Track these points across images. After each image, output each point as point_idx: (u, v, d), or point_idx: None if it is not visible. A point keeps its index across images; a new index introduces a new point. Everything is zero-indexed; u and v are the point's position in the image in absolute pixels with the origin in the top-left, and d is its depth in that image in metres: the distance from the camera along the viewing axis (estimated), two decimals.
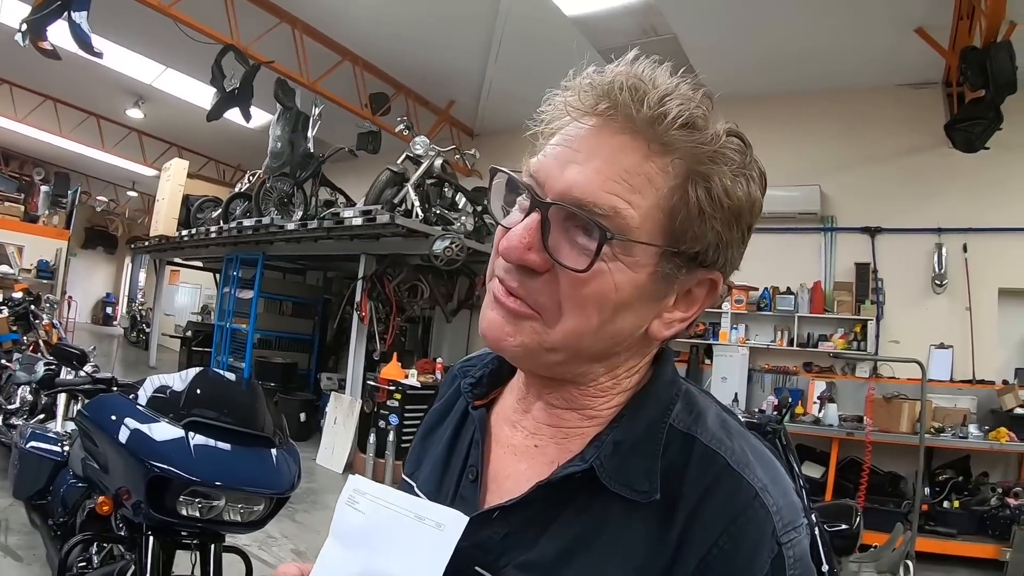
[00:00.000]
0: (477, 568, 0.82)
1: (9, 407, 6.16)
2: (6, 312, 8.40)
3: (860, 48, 7.56)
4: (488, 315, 0.82)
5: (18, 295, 9.18)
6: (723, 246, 0.79)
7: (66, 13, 7.46)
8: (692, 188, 0.76)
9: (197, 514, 2.56)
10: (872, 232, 8.06)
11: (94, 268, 26.82)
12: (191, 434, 2.62)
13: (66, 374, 4.88)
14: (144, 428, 2.61)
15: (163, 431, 2.61)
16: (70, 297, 17.77)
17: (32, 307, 8.64)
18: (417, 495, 0.93)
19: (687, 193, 0.76)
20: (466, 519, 0.77)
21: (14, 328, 8.01)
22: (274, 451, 2.81)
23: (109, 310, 27.14)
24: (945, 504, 6.71)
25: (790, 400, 7.46)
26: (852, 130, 8.33)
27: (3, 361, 7.18)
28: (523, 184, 0.80)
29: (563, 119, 0.80)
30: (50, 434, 3.83)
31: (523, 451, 0.89)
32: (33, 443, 3.70)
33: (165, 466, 2.47)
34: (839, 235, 8.35)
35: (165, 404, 2.75)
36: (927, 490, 6.63)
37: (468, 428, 0.96)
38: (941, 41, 6.76)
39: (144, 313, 20.97)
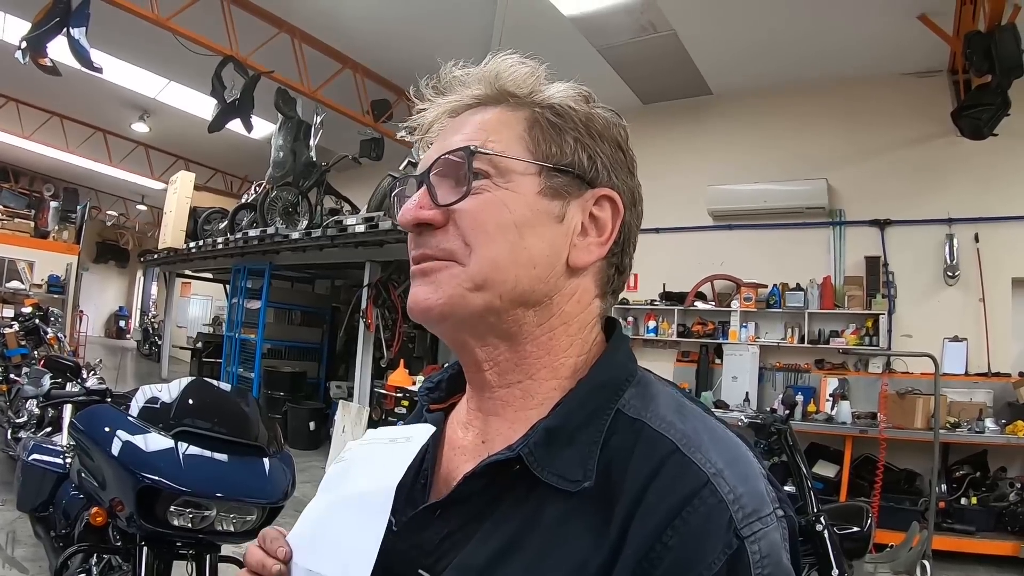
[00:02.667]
0: (420, 571, 0.78)
1: (17, 420, 6.19)
2: (16, 327, 8.44)
3: (863, 38, 7.46)
4: (411, 294, 0.83)
5: (28, 310, 9.23)
6: (597, 159, 0.83)
7: (65, 29, 7.51)
8: (540, 114, 0.83)
9: (189, 524, 2.54)
10: (881, 225, 7.95)
11: (106, 282, 27.04)
12: (181, 444, 2.60)
13: (71, 387, 4.88)
14: (133, 439, 2.59)
15: (152, 441, 2.59)
16: (81, 311, 17.89)
17: (40, 322, 8.67)
18: None
19: (537, 119, 0.82)
20: (432, 428, 0.82)
21: (23, 343, 8.03)
22: (267, 460, 2.79)
23: (122, 323, 27.34)
24: (962, 501, 6.58)
25: (797, 398, 7.37)
26: (858, 122, 8.21)
27: (12, 375, 7.21)
28: (406, 176, 0.90)
29: (443, 122, 0.90)
30: (53, 447, 3.83)
31: (472, 450, 0.86)
32: (35, 455, 3.73)
33: (154, 477, 2.45)
34: (848, 229, 8.22)
35: (156, 414, 2.73)
36: (944, 487, 6.53)
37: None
38: (944, 27, 6.66)
39: (156, 326, 21.05)
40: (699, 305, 8.76)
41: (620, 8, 7.41)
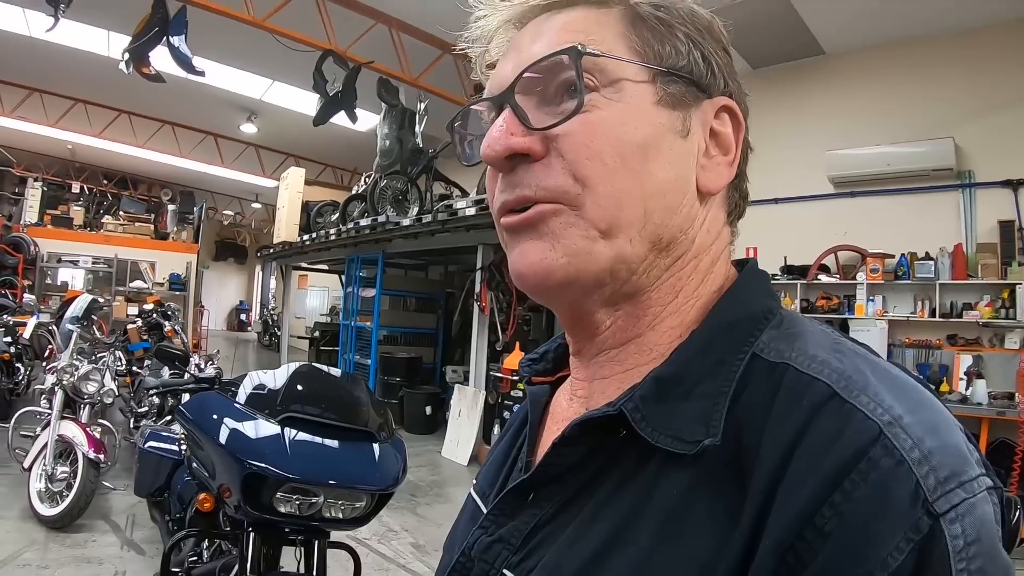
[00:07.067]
0: (504, 571, 0.64)
1: (139, 410, 6.48)
2: (139, 323, 8.86)
3: None
4: (514, 254, 0.65)
5: (149, 307, 9.69)
6: (710, 60, 0.67)
7: (165, 38, 7.83)
8: (639, 6, 0.66)
9: (296, 511, 2.50)
10: (1015, 185, 7.26)
11: (226, 278, 28.38)
12: (288, 430, 2.57)
13: (187, 375, 5.03)
14: (240, 426, 2.58)
15: (259, 428, 2.57)
16: (203, 306, 18.76)
17: (161, 318, 9.07)
18: (473, 499, 0.81)
19: (638, 13, 0.65)
20: None
21: (145, 337, 8.43)
22: (376, 446, 2.74)
23: (243, 317, 28.63)
24: None
25: (940, 375, 6.91)
26: (984, 74, 7.50)
27: (135, 368, 7.56)
28: (480, 102, 0.71)
29: (507, 33, 0.72)
30: (170, 434, 3.92)
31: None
32: (152, 443, 3.84)
33: (260, 463, 2.42)
34: (978, 191, 7.53)
35: (263, 401, 2.71)
36: None
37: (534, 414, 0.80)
38: None
39: (275, 318, 21.86)
40: (823, 278, 8.30)
41: None
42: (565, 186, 0.61)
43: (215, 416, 2.67)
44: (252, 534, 2.61)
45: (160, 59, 8.27)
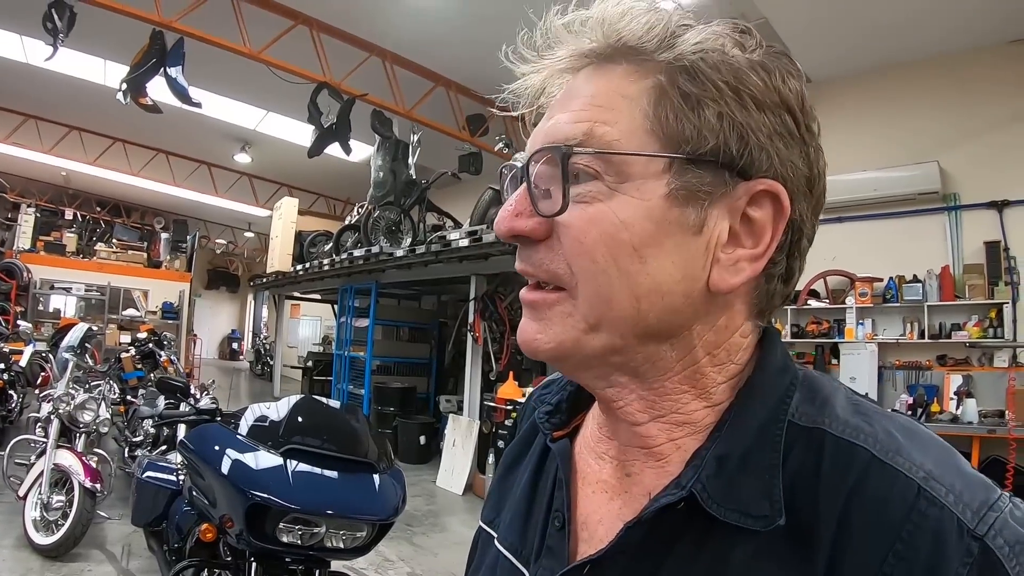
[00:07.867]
0: None
1: (134, 439, 6.48)
2: (132, 351, 8.85)
3: (963, 5, 6.94)
4: (520, 326, 0.69)
5: (143, 335, 9.68)
6: (751, 137, 0.60)
7: (162, 69, 7.91)
8: (669, 78, 0.61)
9: (298, 541, 2.54)
10: (999, 206, 7.36)
11: (218, 307, 28.30)
12: (290, 462, 2.62)
13: (186, 407, 5.04)
14: (243, 457, 2.63)
15: (262, 459, 2.62)
16: (195, 335, 18.73)
17: (155, 346, 9.06)
18: (497, 548, 0.80)
19: (665, 89, 0.61)
20: None
21: (139, 366, 8.42)
22: (376, 476, 2.79)
23: (235, 346, 28.47)
24: None
25: (926, 398, 6.96)
26: (966, 97, 7.64)
27: (129, 397, 7.55)
28: (510, 164, 0.72)
29: (551, 88, 0.71)
30: (167, 464, 3.93)
31: (614, 486, 0.71)
32: (149, 473, 3.83)
33: (263, 494, 2.47)
34: (964, 213, 7.63)
35: (265, 432, 2.76)
36: None
37: (551, 465, 0.79)
38: None
39: (268, 347, 21.78)
40: (812, 303, 8.36)
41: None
42: (563, 273, 0.63)
43: (217, 447, 2.71)
44: (254, 564, 2.64)
45: (157, 90, 8.34)
